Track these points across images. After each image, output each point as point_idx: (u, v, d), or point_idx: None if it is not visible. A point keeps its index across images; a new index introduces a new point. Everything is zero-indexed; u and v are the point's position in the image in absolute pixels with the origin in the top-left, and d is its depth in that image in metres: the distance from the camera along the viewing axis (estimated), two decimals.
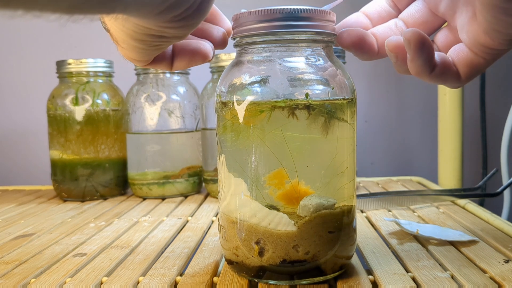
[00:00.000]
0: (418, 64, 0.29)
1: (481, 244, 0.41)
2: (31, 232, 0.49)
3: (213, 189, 0.66)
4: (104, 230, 0.49)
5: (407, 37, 0.28)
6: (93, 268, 0.37)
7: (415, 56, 0.28)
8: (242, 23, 0.33)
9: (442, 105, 0.74)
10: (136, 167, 0.67)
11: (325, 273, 0.33)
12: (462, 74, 0.30)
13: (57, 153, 0.66)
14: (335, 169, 0.33)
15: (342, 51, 0.66)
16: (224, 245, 0.36)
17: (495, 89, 0.85)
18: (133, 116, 0.67)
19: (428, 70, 0.29)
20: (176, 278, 0.35)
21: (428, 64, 0.29)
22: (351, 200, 0.34)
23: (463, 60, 0.29)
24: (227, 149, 0.34)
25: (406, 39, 0.28)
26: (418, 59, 0.28)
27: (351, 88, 0.34)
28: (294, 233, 0.32)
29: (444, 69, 0.29)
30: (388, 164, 0.90)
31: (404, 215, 0.53)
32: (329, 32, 0.33)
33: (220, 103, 0.34)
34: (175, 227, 0.50)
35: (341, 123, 0.33)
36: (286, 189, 0.32)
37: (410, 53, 0.28)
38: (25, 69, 0.90)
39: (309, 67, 0.33)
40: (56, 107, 0.66)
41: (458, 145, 0.73)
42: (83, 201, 0.65)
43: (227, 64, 0.59)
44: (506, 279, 0.33)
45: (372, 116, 0.89)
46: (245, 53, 0.34)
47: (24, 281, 0.35)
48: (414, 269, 0.35)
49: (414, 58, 0.28)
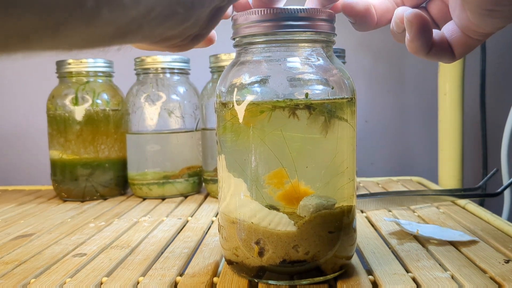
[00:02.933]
0: (417, 44, 0.30)
1: (481, 244, 0.41)
2: (31, 232, 0.49)
3: (213, 189, 0.66)
4: (104, 230, 0.49)
5: (409, 19, 0.29)
6: (93, 268, 0.37)
7: (415, 38, 0.30)
8: (242, 23, 0.33)
9: (442, 105, 0.74)
10: (136, 167, 0.67)
11: (325, 273, 0.33)
12: (456, 53, 0.31)
13: (57, 153, 0.66)
14: (335, 169, 0.33)
15: (342, 50, 0.66)
16: (224, 245, 0.36)
17: (495, 89, 0.85)
18: (133, 116, 0.66)
19: (425, 50, 0.30)
20: (176, 278, 0.35)
21: (426, 45, 0.30)
22: (351, 200, 0.34)
23: (456, 40, 0.31)
24: (227, 149, 0.34)
25: (408, 21, 0.29)
26: (417, 40, 0.30)
27: (351, 88, 0.34)
28: (294, 233, 0.32)
29: (440, 49, 0.31)
30: (388, 164, 0.90)
31: (404, 215, 0.53)
32: (329, 32, 0.33)
33: (220, 103, 0.34)
34: (175, 227, 0.50)
35: (341, 123, 0.33)
36: (286, 189, 0.32)
37: (411, 34, 0.30)
38: (25, 69, 0.90)
39: (309, 67, 0.33)
40: (56, 107, 0.66)
41: (458, 145, 0.73)
42: (83, 201, 0.65)
43: (227, 64, 0.59)
44: (506, 279, 0.33)
45: (372, 116, 0.89)
46: (245, 53, 0.34)
47: (24, 281, 0.35)
48: (414, 269, 0.35)
49: (414, 39, 0.30)
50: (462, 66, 0.71)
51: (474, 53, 0.79)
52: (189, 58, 0.70)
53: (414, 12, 0.29)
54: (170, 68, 0.67)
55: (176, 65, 0.67)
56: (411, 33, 0.30)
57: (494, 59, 0.84)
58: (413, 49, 0.31)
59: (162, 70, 0.67)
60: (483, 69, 0.79)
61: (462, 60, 0.71)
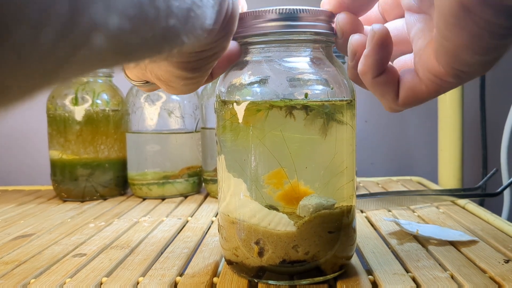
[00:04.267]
0: (371, 61, 0.28)
1: (481, 244, 0.41)
2: (31, 233, 0.49)
3: (213, 189, 0.66)
4: (104, 230, 0.49)
5: (374, 29, 0.27)
6: (92, 268, 0.37)
7: (372, 51, 0.27)
8: (242, 23, 0.33)
9: (442, 105, 0.74)
10: (136, 167, 0.67)
11: (325, 273, 0.33)
12: (400, 96, 0.29)
13: (56, 153, 0.66)
14: (335, 169, 0.33)
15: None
16: (224, 245, 0.36)
17: (495, 89, 0.85)
18: (133, 116, 0.66)
19: (375, 72, 0.28)
20: (176, 279, 0.35)
21: (379, 66, 0.28)
22: (350, 200, 0.34)
23: (406, 82, 0.28)
24: (227, 149, 0.34)
25: (372, 31, 0.27)
26: (375, 55, 0.27)
27: (350, 88, 0.34)
28: (293, 233, 0.32)
29: (389, 80, 0.28)
30: (388, 164, 0.90)
31: (404, 215, 0.53)
32: (328, 32, 0.33)
33: (220, 103, 0.34)
34: (175, 227, 0.50)
35: (340, 123, 0.33)
36: (286, 189, 0.32)
37: (369, 46, 0.27)
38: None
39: (309, 67, 0.33)
40: (56, 107, 0.66)
41: (458, 145, 0.73)
42: (83, 201, 0.65)
43: None
44: (506, 279, 0.33)
45: (372, 116, 0.89)
46: (245, 53, 0.34)
47: (23, 281, 0.35)
48: (414, 269, 0.35)
49: (370, 53, 0.27)
50: None
51: None
52: None
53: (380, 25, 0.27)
54: None
55: None
56: (370, 43, 0.27)
57: None
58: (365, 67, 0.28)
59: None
60: None
61: None
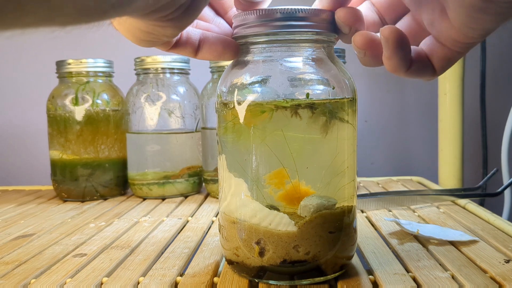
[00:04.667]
0: (395, 61, 0.28)
1: (481, 244, 0.41)
2: (31, 233, 0.49)
3: (213, 189, 0.66)
4: (104, 230, 0.49)
5: (385, 35, 0.27)
6: (93, 268, 0.37)
7: (392, 54, 0.28)
8: (243, 23, 0.33)
9: (442, 105, 0.74)
10: (136, 167, 0.67)
11: (325, 273, 0.33)
12: (437, 68, 0.29)
13: (57, 153, 0.66)
14: (336, 169, 0.33)
15: (343, 50, 0.66)
16: (224, 245, 0.36)
17: (495, 89, 0.85)
18: (133, 116, 0.66)
19: (405, 68, 0.28)
20: (176, 279, 0.35)
21: (405, 62, 0.28)
22: (351, 200, 0.34)
23: (437, 54, 0.29)
24: (228, 149, 0.34)
25: (384, 37, 0.27)
26: (395, 57, 0.28)
27: (351, 88, 0.34)
28: (294, 233, 0.32)
29: (420, 65, 0.29)
30: (388, 164, 0.90)
31: (405, 215, 0.53)
32: (329, 32, 0.33)
33: (221, 103, 0.34)
34: (175, 227, 0.50)
35: (342, 123, 0.33)
36: (287, 189, 0.32)
37: (388, 51, 0.28)
38: (25, 69, 0.90)
39: (310, 67, 0.33)
40: (56, 107, 0.66)
41: (458, 145, 0.73)
42: (83, 201, 0.65)
43: (227, 64, 0.59)
44: (507, 279, 0.33)
45: (372, 116, 0.89)
46: (246, 53, 0.34)
47: (24, 281, 0.35)
48: (415, 269, 0.35)
49: (391, 56, 0.28)
50: (462, 66, 0.71)
51: (474, 53, 0.79)
52: (189, 58, 0.70)
53: (389, 27, 0.27)
54: (170, 68, 0.67)
55: (176, 65, 0.67)
56: (388, 50, 0.27)
57: (494, 59, 0.84)
58: (392, 67, 0.28)
59: (162, 70, 0.67)
60: (483, 69, 0.79)
61: (462, 60, 0.72)
